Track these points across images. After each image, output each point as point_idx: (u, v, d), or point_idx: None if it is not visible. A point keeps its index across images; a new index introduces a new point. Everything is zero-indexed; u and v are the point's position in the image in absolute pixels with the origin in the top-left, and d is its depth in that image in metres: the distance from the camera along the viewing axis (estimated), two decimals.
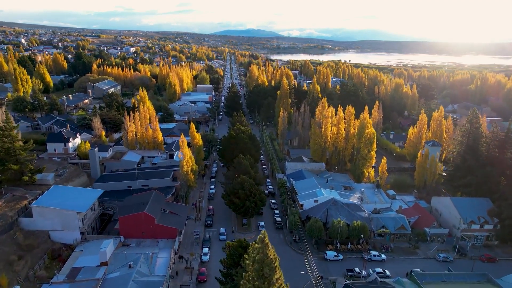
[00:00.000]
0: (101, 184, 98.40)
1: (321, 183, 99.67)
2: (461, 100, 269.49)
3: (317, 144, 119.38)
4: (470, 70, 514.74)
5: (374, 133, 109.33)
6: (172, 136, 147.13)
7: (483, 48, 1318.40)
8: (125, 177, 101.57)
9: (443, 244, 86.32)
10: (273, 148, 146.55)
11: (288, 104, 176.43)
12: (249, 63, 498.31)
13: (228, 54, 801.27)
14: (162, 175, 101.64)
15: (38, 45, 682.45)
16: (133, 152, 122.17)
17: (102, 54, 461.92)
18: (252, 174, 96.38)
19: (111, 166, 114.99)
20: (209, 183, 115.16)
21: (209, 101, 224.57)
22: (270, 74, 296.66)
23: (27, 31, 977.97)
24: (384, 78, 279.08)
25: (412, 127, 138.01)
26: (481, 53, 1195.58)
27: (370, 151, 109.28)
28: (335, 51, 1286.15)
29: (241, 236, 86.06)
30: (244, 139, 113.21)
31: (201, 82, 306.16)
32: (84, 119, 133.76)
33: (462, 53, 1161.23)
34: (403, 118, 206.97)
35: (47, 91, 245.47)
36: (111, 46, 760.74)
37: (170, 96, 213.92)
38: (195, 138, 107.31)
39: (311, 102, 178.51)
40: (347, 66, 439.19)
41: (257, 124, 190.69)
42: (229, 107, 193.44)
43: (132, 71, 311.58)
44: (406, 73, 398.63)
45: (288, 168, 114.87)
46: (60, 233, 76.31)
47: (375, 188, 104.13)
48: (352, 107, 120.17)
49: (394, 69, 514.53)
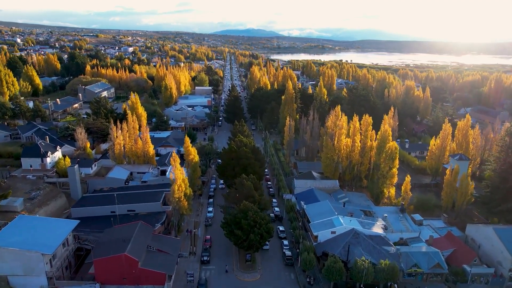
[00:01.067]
0: (79, 210, 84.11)
1: (337, 208, 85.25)
2: (473, 103, 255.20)
3: (329, 159, 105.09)
4: (476, 70, 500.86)
5: (397, 147, 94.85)
6: (166, 147, 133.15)
7: (483, 47, 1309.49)
8: (108, 200, 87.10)
9: (487, 285, 72.03)
10: (278, 160, 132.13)
11: (294, 110, 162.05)
12: (249, 64, 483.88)
13: (228, 54, 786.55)
14: (151, 198, 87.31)
15: (34, 44, 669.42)
16: (121, 167, 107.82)
17: (99, 54, 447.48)
18: (257, 198, 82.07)
19: (95, 184, 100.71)
20: (206, 205, 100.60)
21: (208, 105, 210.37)
22: (272, 76, 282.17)
23: (24, 31, 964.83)
24: (393, 80, 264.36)
25: (434, 137, 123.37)
26: (481, 53, 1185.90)
27: (392, 168, 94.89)
28: (335, 51, 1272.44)
29: (244, 276, 71.90)
30: (247, 154, 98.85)
31: (200, 84, 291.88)
32: (66, 129, 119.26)
33: (462, 52, 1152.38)
34: (416, 124, 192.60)
35: (36, 94, 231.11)
36: (109, 46, 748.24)
37: (166, 100, 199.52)
38: (190, 154, 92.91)
39: (319, 107, 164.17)
40: (351, 66, 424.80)
41: (260, 131, 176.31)
42: (229, 113, 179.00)
43: (128, 73, 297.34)
44: (412, 74, 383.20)
45: (297, 187, 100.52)
46: (22, 279, 62.06)
47: (399, 212, 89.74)
48: (369, 117, 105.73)
49: (398, 69, 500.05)
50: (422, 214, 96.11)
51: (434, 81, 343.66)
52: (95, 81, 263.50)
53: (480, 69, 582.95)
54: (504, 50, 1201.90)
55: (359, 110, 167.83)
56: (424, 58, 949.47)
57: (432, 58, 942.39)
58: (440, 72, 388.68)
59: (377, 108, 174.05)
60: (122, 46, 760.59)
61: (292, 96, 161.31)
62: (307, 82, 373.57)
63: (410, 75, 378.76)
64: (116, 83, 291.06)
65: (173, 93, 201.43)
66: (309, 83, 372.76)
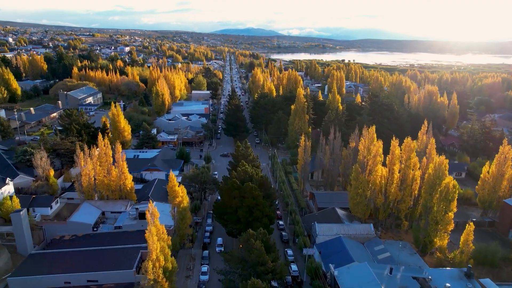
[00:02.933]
0: (19, 280, 59.74)
1: (381, 276, 60.86)
2: (497, 109, 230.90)
3: (360, 195, 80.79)
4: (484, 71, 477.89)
5: (456, 185, 70.40)
6: (152, 171, 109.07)
7: (483, 47, 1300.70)
8: (63, 262, 62.91)
9: None
10: (290, 188, 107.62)
11: (306, 123, 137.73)
12: (250, 65, 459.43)
13: (227, 53, 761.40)
14: (121, 260, 62.86)
15: (27, 44, 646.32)
16: (90, 205, 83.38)
17: (91, 54, 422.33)
18: (270, 266, 57.66)
19: (53, 230, 76.23)
20: (200, 259, 75.82)
21: (205, 113, 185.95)
22: (276, 78, 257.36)
23: (19, 30, 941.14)
24: (411, 84, 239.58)
25: (483, 160, 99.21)
26: (481, 52, 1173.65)
27: (448, 212, 70.65)
28: (336, 50, 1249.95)
29: None
30: (253, 191, 74.33)
31: (197, 87, 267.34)
32: (24, 153, 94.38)
33: (462, 52, 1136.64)
34: (443, 136, 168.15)
35: (14, 100, 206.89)
36: (105, 46, 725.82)
37: (157, 108, 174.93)
38: (176, 196, 68.29)
39: (334, 119, 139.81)
40: (358, 67, 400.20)
41: (265, 146, 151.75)
42: (230, 124, 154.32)
43: (118, 75, 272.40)
44: (422, 75, 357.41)
45: (320, 234, 76.13)
46: None
47: (463, 278, 65.31)
48: (412, 141, 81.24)
49: (406, 70, 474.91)
50: (484, 272, 72.09)
51: (449, 83, 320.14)
52: (82, 85, 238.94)
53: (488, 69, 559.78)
54: (503, 49, 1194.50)
55: (381, 122, 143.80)
56: (426, 58, 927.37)
57: (435, 58, 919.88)
58: (455, 73, 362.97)
59: (401, 119, 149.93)
60: (119, 45, 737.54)
61: (303, 106, 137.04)
62: (313, 85, 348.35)
63: (421, 76, 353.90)
64: (106, 87, 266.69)
65: (166, 100, 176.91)
66: (314, 85, 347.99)
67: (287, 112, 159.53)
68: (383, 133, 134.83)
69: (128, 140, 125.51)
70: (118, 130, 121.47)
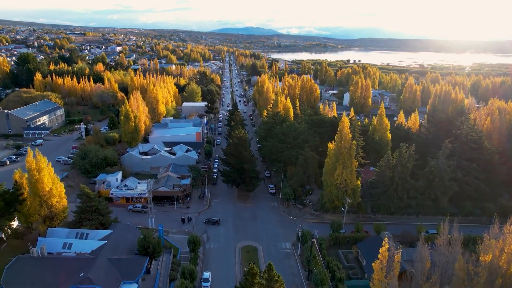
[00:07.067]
0: None
1: None
2: None
3: None
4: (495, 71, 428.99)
5: None
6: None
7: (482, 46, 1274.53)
8: None
9: None
10: None
11: (354, 171, 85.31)
12: (253, 67, 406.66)
13: (227, 53, 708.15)
14: None
15: (9, 43, 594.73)
16: None
17: (73, 55, 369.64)
18: None
19: None
20: None
21: (196, 141, 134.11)
22: (287, 87, 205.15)
23: (5, 28, 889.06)
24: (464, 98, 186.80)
25: None
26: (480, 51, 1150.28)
27: None
28: (337, 50, 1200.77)
29: None
30: None
31: (190, 98, 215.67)
32: None
33: (461, 51, 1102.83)
34: None
35: None
36: (95, 45, 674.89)
37: (127, 137, 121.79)
38: None
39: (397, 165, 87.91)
40: (376, 70, 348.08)
41: (285, 202, 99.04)
42: (231, 167, 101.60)
43: (92, 83, 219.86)
44: (451, 79, 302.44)
45: None
46: None
47: None
48: None
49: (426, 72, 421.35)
50: None
51: (490, 90, 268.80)
52: (42, 97, 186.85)
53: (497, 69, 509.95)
54: (502, 48, 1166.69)
55: (467, 169, 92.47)
56: (432, 57, 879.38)
57: (440, 57, 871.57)
58: (490, 77, 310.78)
59: (494, 160, 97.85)
60: (111, 45, 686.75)
61: (349, 146, 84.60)
62: (326, 92, 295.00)
63: (449, 80, 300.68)
64: (78, 97, 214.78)
65: (140, 125, 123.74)
66: (328, 93, 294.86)
67: (315, 144, 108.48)
68: (469, 186, 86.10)
69: (61, 211, 73.62)
70: (39, 197, 69.73)
